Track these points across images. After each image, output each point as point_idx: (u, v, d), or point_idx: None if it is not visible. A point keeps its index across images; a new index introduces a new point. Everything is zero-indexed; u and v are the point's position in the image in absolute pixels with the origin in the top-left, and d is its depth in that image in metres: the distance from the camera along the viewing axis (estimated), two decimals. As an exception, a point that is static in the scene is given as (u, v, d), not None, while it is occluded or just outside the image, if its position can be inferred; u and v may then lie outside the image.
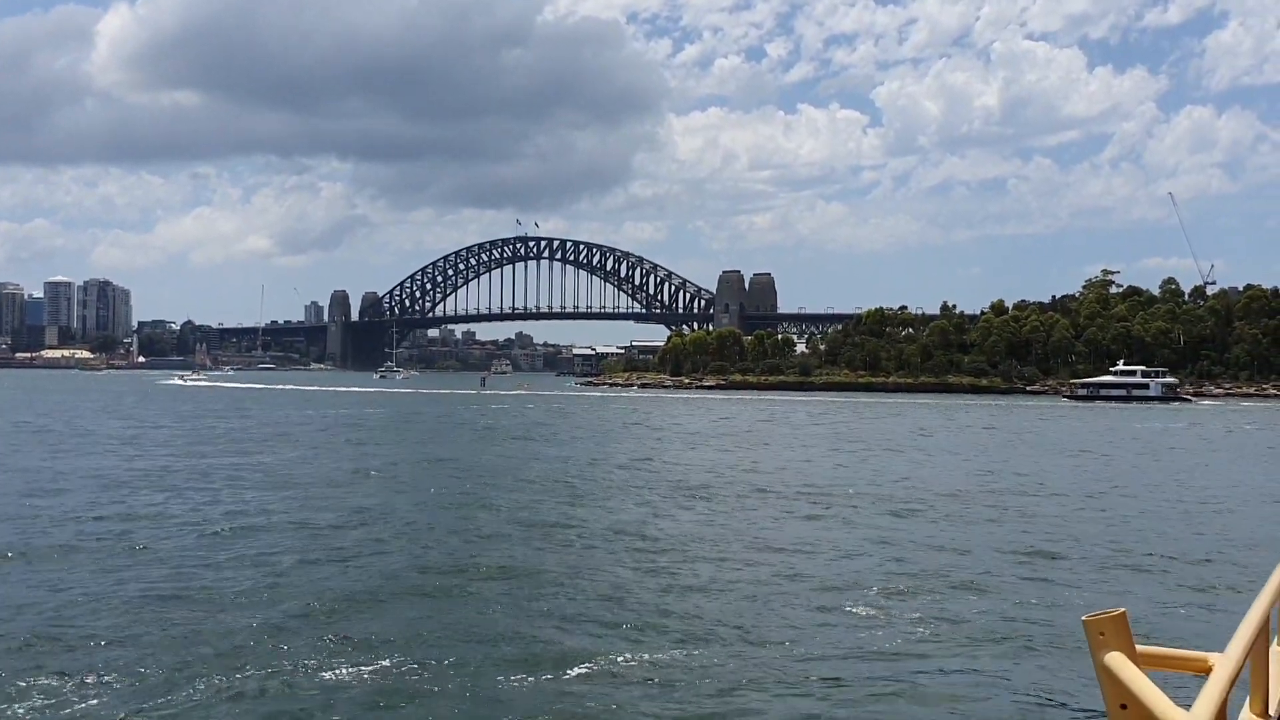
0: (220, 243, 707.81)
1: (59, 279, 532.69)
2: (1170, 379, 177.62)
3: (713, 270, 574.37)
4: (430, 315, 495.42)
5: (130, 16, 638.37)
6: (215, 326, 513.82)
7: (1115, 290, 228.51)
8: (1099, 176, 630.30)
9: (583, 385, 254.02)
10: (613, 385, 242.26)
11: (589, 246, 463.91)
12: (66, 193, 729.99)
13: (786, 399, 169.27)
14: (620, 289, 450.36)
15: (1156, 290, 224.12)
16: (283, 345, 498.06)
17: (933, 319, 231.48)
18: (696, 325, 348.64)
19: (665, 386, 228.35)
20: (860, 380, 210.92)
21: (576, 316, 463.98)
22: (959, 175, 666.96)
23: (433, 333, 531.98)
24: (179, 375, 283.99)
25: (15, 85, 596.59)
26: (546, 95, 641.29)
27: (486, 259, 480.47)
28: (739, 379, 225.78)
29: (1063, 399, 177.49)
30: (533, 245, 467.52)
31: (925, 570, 25.86)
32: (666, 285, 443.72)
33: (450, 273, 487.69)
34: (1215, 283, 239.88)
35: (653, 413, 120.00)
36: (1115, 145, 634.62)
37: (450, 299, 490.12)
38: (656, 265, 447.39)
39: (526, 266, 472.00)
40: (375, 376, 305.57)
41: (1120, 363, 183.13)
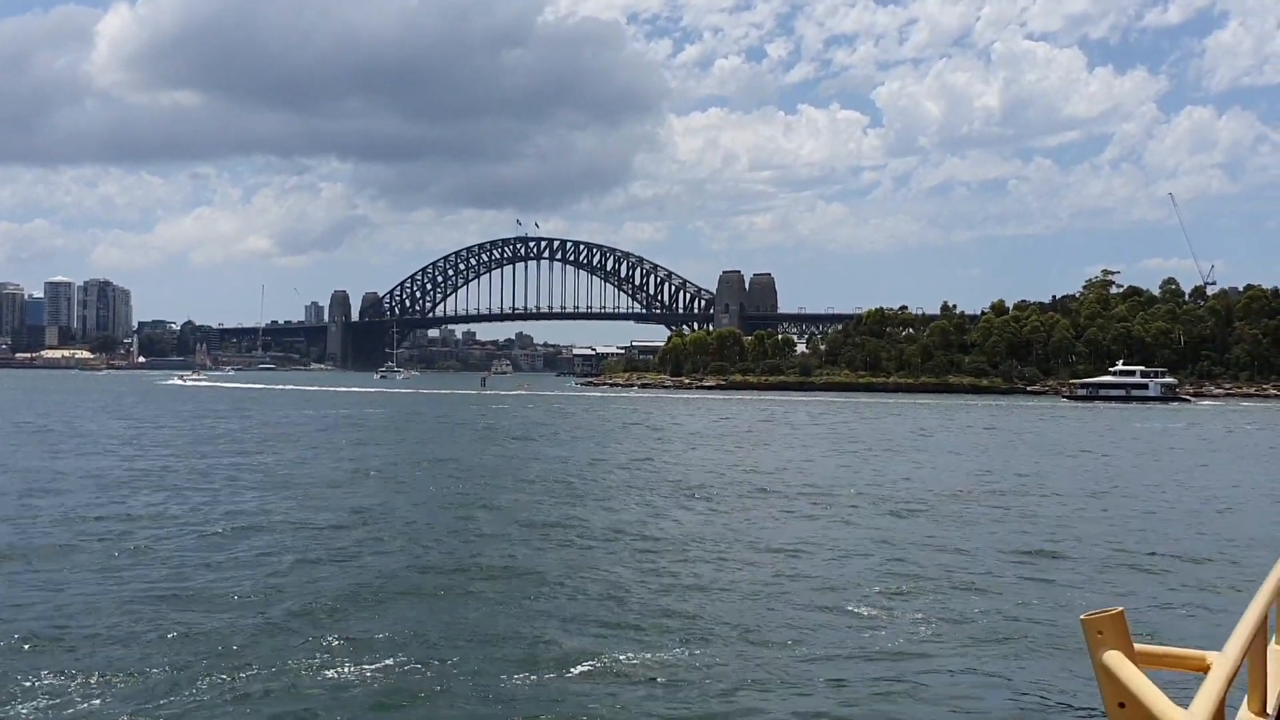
0: (220, 243, 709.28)
1: (59, 279, 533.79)
2: (1169, 379, 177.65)
3: (713, 270, 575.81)
4: (430, 315, 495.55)
5: (130, 16, 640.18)
6: (215, 327, 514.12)
7: (1115, 290, 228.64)
8: (1099, 177, 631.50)
9: (583, 385, 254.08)
10: (613, 385, 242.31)
11: (589, 247, 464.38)
12: (66, 193, 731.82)
13: (787, 399, 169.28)
14: (620, 289, 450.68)
15: (1157, 290, 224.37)
16: (283, 345, 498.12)
17: (933, 319, 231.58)
18: (696, 325, 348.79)
19: (665, 387, 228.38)
20: (861, 380, 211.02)
21: (576, 317, 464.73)
22: (959, 176, 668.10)
23: (433, 333, 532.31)
24: (179, 375, 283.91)
25: (15, 85, 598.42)
26: (547, 95, 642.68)
27: (486, 259, 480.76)
28: (739, 379, 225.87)
29: (1062, 399, 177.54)
30: (533, 245, 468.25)
31: (926, 570, 25.89)
32: (666, 285, 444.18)
33: (450, 273, 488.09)
34: (1215, 283, 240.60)
35: (653, 413, 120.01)
36: (1115, 146, 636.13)
37: (450, 299, 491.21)
38: (657, 265, 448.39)
39: (526, 267, 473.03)
40: (375, 377, 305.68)
41: (1119, 363, 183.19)
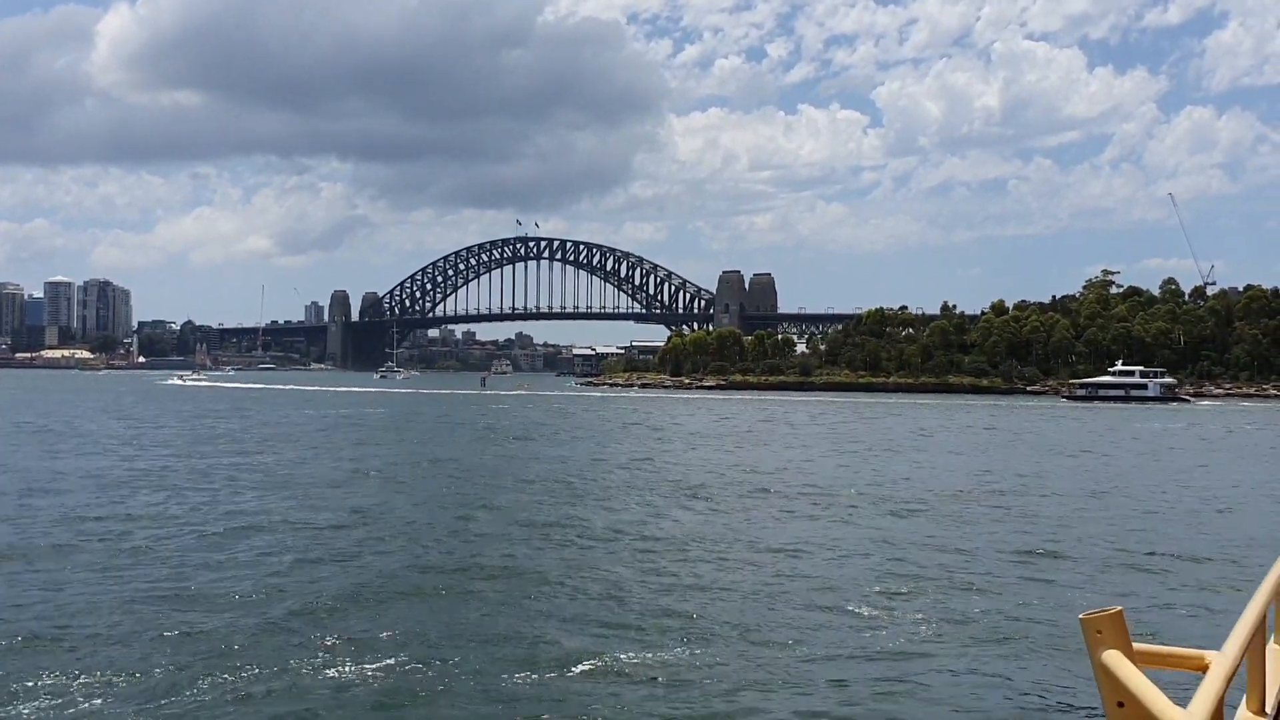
0: (220, 243, 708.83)
1: (59, 279, 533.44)
2: (1169, 379, 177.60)
3: (713, 270, 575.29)
4: (430, 315, 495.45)
5: (130, 16, 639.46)
6: (215, 327, 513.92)
7: (1115, 291, 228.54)
8: (1099, 177, 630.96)
9: (583, 385, 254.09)
10: (613, 385, 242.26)
11: (589, 247, 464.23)
12: (66, 193, 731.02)
13: (787, 399, 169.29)
14: (620, 289, 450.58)
15: (1157, 291, 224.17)
16: (283, 345, 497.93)
17: (933, 319, 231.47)
18: (696, 325, 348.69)
19: (665, 387, 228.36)
20: (861, 380, 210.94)
21: (576, 317, 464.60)
22: (959, 176, 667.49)
23: (433, 333, 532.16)
24: (178, 376, 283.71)
25: (15, 85, 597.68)
26: (547, 95, 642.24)
27: (486, 259, 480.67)
28: (739, 379, 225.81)
29: (1061, 399, 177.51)
30: (533, 245, 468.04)
31: (926, 570, 25.92)
32: (666, 285, 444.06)
33: (450, 273, 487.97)
34: (1215, 283, 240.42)
35: (653, 413, 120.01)
36: (1115, 146, 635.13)
37: (450, 299, 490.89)
38: (656, 265, 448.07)
39: (526, 267, 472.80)
40: (375, 376, 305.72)
41: (1119, 363, 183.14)
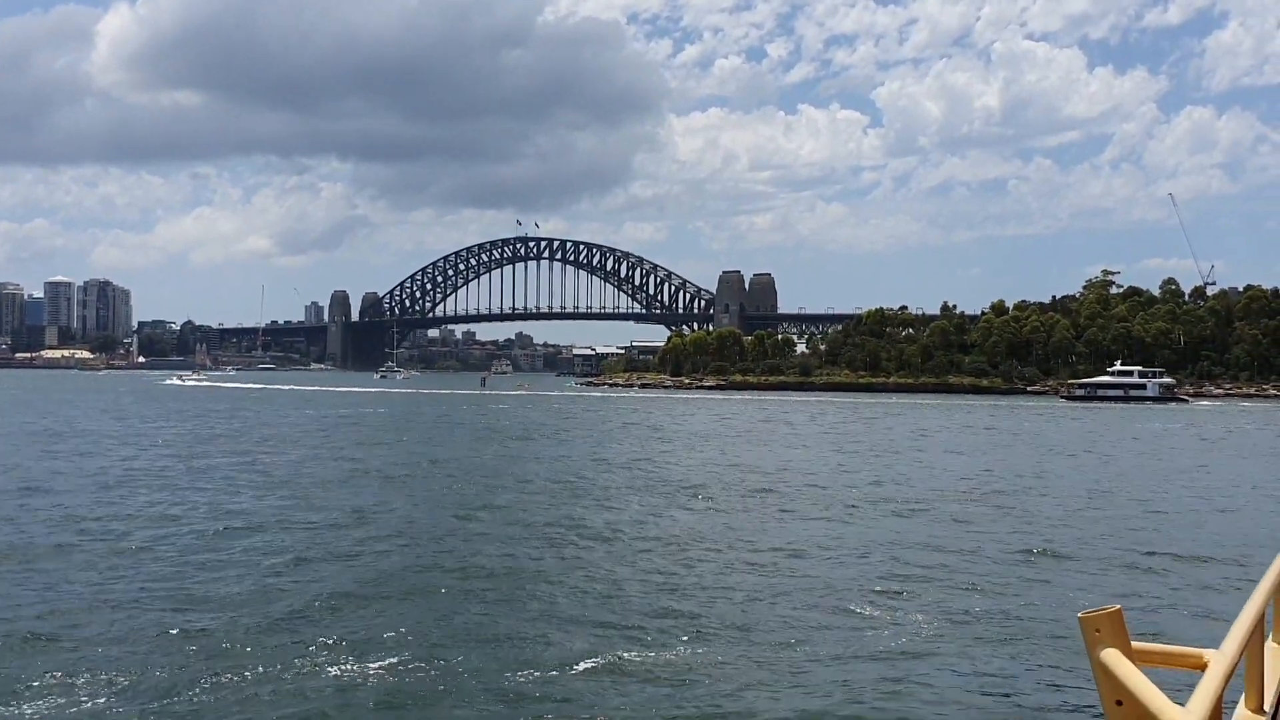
0: (220, 243, 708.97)
1: (59, 279, 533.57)
2: (1167, 379, 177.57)
3: (713, 270, 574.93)
4: (430, 315, 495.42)
5: (130, 16, 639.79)
6: (215, 327, 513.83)
7: (1115, 291, 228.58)
8: (1099, 177, 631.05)
9: (583, 385, 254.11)
10: (613, 385, 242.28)
11: (589, 247, 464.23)
12: (66, 193, 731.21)
13: (787, 399, 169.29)
14: (620, 289, 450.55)
15: (1157, 291, 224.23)
16: (283, 345, 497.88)
17: (933, 319, 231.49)
18: (696, 325, 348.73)
19: (665, 387, 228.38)
20: (861, 380, 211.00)
21: (576, 317, 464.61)
22: (959, 176, 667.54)
23: (433, 333, 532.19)
24: (178, 376, 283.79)
25: (15, 85, 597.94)
26: (547, 95, 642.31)
27: (486, 259, 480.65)
28: (739, 379, 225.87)
29: (1060, 399, 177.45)
30: (533, 245, 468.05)
31: (926, 570, 25.93)
32: (666, 285, 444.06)
33: (450, 273, 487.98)
34: (1215, 283, 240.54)
35: (653, 413, 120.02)
36: (1115, 146, 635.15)
37: (450, 299, 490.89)
38: (656, 265, 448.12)
39: (526, 267, 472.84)
40: (376, 377, 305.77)
41: (1117, 363, 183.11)
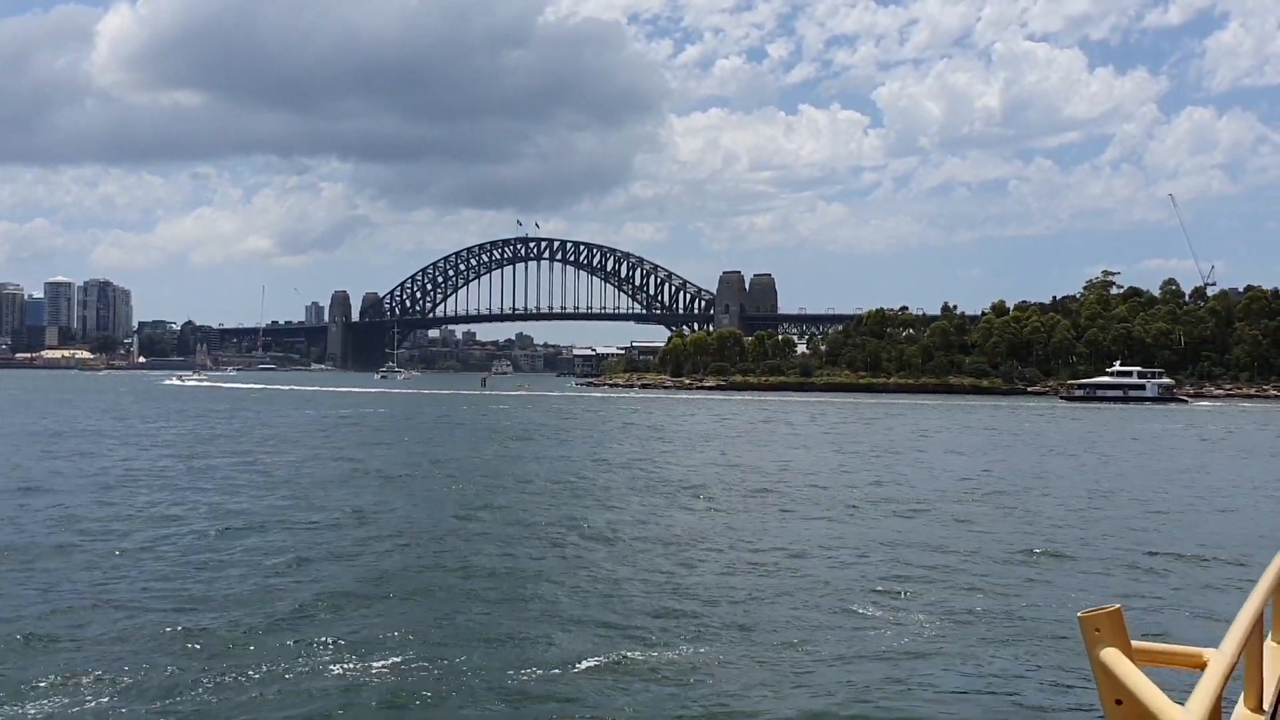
0: (221, 243, 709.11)
1: (59, 279, 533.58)
2: (1166, 380, 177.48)
3: (713, 271, 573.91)
4: (431, 316, 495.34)
5: (130, 16, 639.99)
6: (216, 327, 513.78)
7: (1116, 291, 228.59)
8: (1100, 178, 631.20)
9: (583, 386, 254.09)
10: (613, 386, 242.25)
11: (589, 247, 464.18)
12: (66, 193, 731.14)
13: (787, 400, 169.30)
14: (620, 290, 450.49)
15: (1157, 291, 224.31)
16: (283, 346, 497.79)
17: (934, 320, 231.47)
18: (697, 326, 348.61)
19: (666, 387, 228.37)
20: (861, 381, 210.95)
21: (577, 317, 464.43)
22: (960, 176, 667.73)
23: (433, 333, 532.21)
24: (178, 376, 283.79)
25: (15, 85, 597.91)
26: (547, 96, 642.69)
27: (487, 259, 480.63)
28: (739, 380, 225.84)
29: (1059, 400, 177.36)
30: (533, 246, 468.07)
31: (927, 570, 25.94)
32: (667, 286, 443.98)
33: (451, 273, 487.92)
34: (1216, 284, 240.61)
35: (653, 413, 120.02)
36: (1116, 146, 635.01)
37: (451, 299, 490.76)
38: (657, 266, 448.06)
39: (527, 267, 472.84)
40: (376, 377, 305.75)
41: (1116, 364, 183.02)
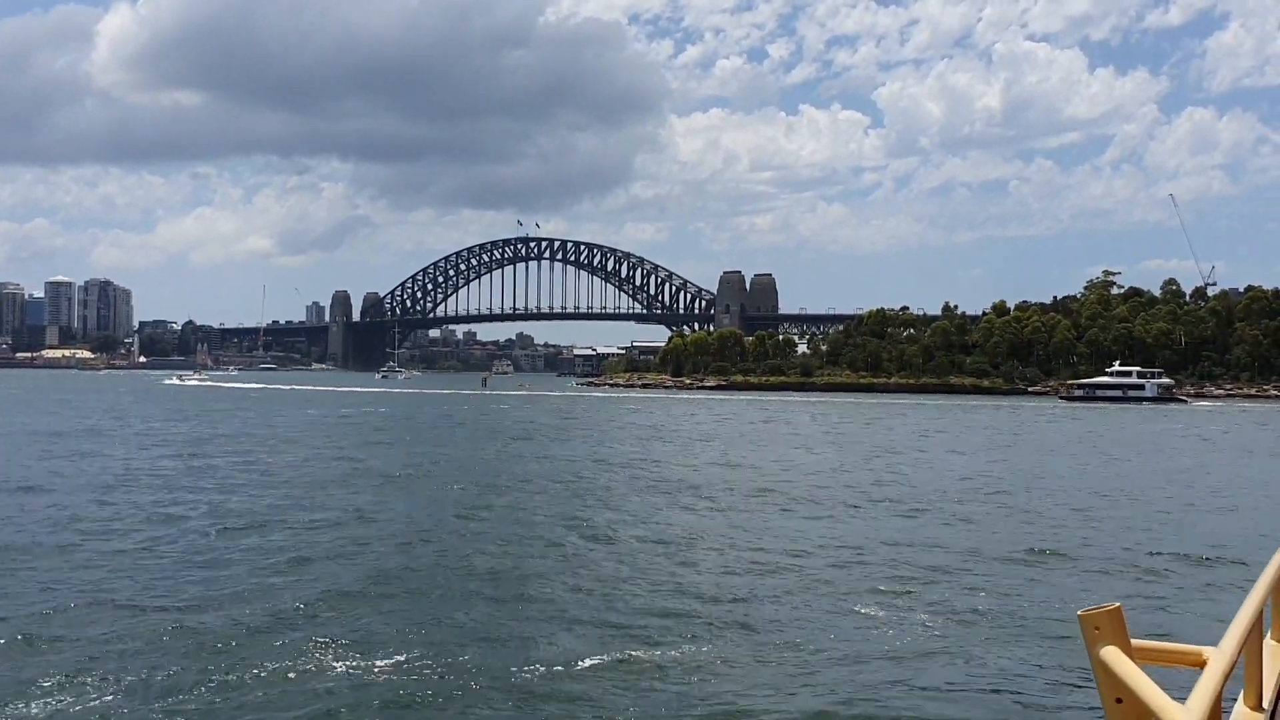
0: (221, 243, 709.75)
1: (59, 279, 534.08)
2: (1166, 380, 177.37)
3: (714, 271, 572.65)
4: (431, 316, 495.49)
5: (130, 16, 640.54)
6: (216, 327, 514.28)
7: (1116, 291, 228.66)
8: (1100, 178, 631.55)
9: (584, 385, 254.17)
10: (614, 386, 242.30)
11: (590, 247, 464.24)
12: (66, 193, 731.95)
13: (788, 400, 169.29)
14: (621, 290, 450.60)
15: (1158, 291, 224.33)
16: (284, 345, 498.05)
17: (934, 320, 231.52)
18: (697, 326, 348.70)
19: (666, 387, 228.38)
20: (862, 381, 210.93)
21: (577, 317, 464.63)
22: (960, 176, 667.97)
23: (434, 333, 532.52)
24: (177, 375, 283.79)
25: (15, 85, 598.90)
26: (548, 96, 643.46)
27: (488, 259, 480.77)
28: (740, 379, 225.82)
29: (1059, 400, 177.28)
30: (534, 246, 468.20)
31: (929, 569, 25.94)
32: (667, 286, 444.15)
33: (451, 273, 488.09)
34: (1216, 284, 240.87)
35: (654, 413, 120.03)
36: (1116, 147, 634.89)
37: (451, 299, 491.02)
38: (657, 266, 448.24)
39: (527, 267, 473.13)
40: (377, 377, 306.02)
41: (1116, 363, 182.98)
